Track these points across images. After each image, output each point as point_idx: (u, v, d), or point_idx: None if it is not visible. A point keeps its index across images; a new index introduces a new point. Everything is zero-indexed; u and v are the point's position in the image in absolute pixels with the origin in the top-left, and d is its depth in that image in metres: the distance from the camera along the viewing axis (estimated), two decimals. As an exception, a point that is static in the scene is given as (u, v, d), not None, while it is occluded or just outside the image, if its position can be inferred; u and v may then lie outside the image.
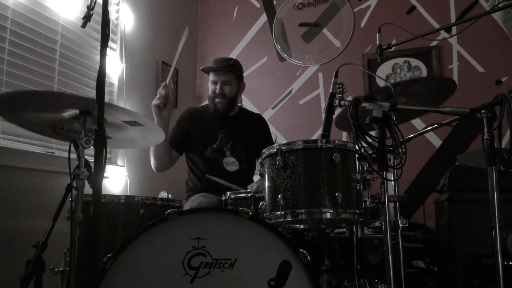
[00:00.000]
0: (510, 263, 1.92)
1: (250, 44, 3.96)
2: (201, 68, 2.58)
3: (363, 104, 1.49)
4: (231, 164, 2.40)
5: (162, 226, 1.44)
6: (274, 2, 3.94)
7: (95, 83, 1.12)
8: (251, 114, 2.71)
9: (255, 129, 2.56)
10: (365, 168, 1.59)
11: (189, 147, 2.49)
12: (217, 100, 2.43)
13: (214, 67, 2.45)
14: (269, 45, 3.88)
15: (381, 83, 3.44)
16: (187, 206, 2.20)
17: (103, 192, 1.18)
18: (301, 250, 1.43)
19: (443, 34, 3.27)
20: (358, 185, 1.56)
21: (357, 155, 1.58)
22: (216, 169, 2.38)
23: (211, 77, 2.47)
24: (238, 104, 2.61)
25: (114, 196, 1.83)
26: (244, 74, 2.59)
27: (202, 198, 2.23)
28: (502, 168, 1.34)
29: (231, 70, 2.44)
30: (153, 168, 2.43)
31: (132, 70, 3.13)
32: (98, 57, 1.36)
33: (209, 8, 4.16)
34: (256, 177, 2.46)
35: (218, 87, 2.42)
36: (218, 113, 2.46)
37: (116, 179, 2.89)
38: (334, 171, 1.52)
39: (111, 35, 2.73)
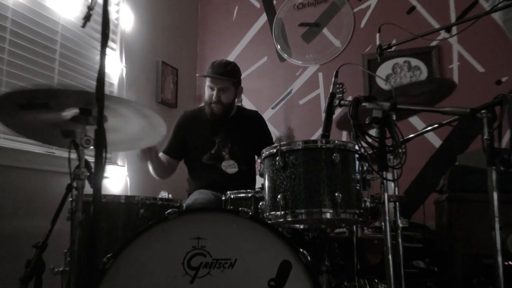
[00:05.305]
0: (510, 263, 1.92)
1: (250, 44, 3.96)
2: (197, 75, 2.56)
3: (363, 104, 1.49)
4: (230, 166, 2.40)
5: (162, 226, 1.44)
6: (274, 2, 3.94)
7: (95, 83, 1.12)
8: (248, 112, 2.70)
9: (252, 127, 2.55)
10: (365, 168, 1.59)
11: (187, 153, 2.50)
12: (213, 105, 2.43)
13: (210, 75, 2.42)
14: (269, 45, 3.88)
15: (381, 83, 3.44)
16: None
17: (103, 192, 1.18)
18: (301, 250, 1.43)
19: (443, 34, 3.27)
20: (358, 185, 1.56)
21: (357, 155, 1.58)
22: (215, 173, 2.39)
23: (208, 82, 2.46)
24: (238, 104, 2.60)
25: (114, 196, 1.83)
26: (244, 74, 2.60)
27: (198, 194, 2.24)
28: (502, 168, 1.33)
29: (228, 77, 2.41)
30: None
31: (132, 70, 3.13)
32: (98, 57, 1.36)
33: (209, 8, 4.16)
34: (258, 178, 2.46)
35: (214, 93, 2.41)
36: (215, 117, 2.45)
37: (116, 179, 2.89)
38: (334, 171, 1.52)
39: (111, 35, 2.74)
